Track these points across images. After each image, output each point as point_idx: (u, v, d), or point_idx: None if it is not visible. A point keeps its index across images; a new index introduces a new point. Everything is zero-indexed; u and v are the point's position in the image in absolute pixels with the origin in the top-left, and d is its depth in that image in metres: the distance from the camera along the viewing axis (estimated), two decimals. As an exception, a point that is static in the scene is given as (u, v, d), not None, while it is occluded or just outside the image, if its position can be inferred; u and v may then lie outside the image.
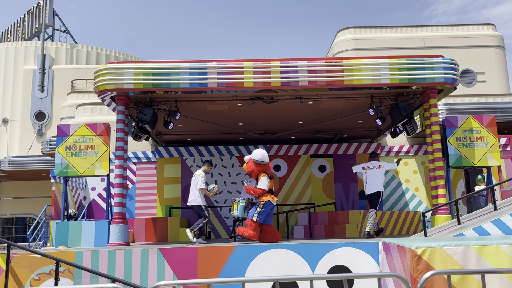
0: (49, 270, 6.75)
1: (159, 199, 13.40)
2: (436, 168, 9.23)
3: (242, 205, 8.70)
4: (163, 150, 13.60)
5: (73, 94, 20.50)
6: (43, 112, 21.80)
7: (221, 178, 13.53)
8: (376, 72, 8.79)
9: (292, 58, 9.00)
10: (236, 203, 8.78)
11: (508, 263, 5.09)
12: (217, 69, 8.75)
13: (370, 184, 9.39)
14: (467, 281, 4.96)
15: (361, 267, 6.97)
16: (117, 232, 8.70)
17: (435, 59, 8.96)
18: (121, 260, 7.02)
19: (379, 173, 9.41)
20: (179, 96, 9.41)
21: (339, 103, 10.11)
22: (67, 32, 26.48)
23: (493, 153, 9.64)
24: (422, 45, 17.67)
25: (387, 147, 13.89)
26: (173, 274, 6.97)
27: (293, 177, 13.60)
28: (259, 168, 8.44)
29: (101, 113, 15.53)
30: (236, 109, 10.39)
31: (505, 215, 6.88)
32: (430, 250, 5.15)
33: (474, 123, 9.75)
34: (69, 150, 9.45)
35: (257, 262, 7.02)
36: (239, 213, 8.68)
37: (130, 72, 8.72)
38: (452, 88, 9.29)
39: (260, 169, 8.44)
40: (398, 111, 9.38)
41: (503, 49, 18.21)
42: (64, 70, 22.47)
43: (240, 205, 8.71)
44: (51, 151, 15.49)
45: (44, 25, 24.43)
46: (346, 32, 18.14)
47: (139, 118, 9.20)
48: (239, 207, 8.69)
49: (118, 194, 8.97)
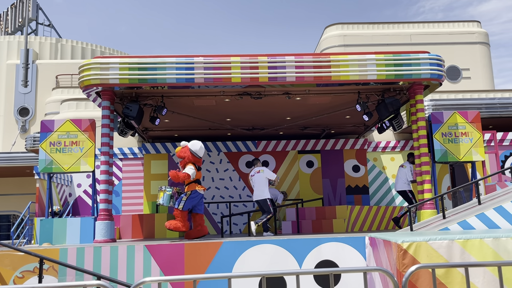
0: (33, 267, 6.65)
1: (145, 196, 13.30)
2: (422, 163, 9.31)
3: (168, 194, 8.44)
4: (149, 146, 13.49)
5: (58, 90, 20.19)
6: (27, 107, 21.45)
7: (208, 174, 13.48)
8: (363, 68, 8.81)
9: (280, 53, 8.97)
10: (162, 192, 8.48)
11: (491, 257, 5.15)
12: (204, 64, 8.69)
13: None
14: (452, 274, 5.01)
15: (348, 261, 7.01)
16: (103, 229, 8.61)
17: (421, 55, 9.02)
18: (107, 257, 6.95)
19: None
20: (166, 91, 9.32)
21: (327, 99, 10.13)
22: (51, 26, 26.07)
23: (477, 148, 9.75)
24: (408, 41, 17.79)
25: (374, 142, 13.97)
26: (160, 270, 6.93)
27: (281, 173, 13.61)
28: (191, 158, 8.50)
29: (86, 109, 15.34)
30: (223, 104, 10.34)
31: (489, 210, 6.97)
32: (416, 244, 5.20)
33: (459, 118, 9.85)
34: (54, 146, 9.31)
35: (244, 257, 7.01)
36: (165, 201, 8.41)
37: (115, 67, 8.60)
38: (438, 84, 9.37)
39: (192, 160, 8.51)
40: (385, 106, 9.43)
41: (488, 46, 18.43)
42: (48, 65, 22.12)
43: (166, 193, 8.43)
44: (35, 147, 15.25)
45: (27, 19, 24.01)
46: (333, 28, 18.17)
47: (125, 114, 9.09)
48: (165, 195, 8.42)
49: (104, 190, 8.86)
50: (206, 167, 13.50)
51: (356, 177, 13.59)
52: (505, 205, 6.95)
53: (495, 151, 12.16)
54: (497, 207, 6.95)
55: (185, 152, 8.54)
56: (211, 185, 13.42)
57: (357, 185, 13.57)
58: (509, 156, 12.91)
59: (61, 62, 22.42)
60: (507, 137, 12.85)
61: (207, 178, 13.42)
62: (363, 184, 13.63)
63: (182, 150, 8.60)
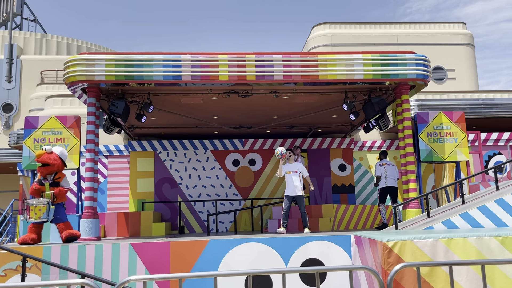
0: (16, 266, 6.55)
1: (131, 193, 13.19)
2: (407, 162, 9.40)
3: (52, 208, 7.47)
4: (135, 144, 13.38)
5: (43, 86, 19.90)
6: (11, 103, 21.10)
7: (195, 172, 13.42)
8: (350, 68, 8.86)
9: (268, 52, 8.97)
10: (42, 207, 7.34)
11: (475, 255, 5.22)
12: (191, 61, 8.64)
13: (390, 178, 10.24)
14: (436, 273, 5.07)
15: (333, 260, 7.04)
16: (87, 226, 8.51)
17: (408, 55, 9.10)
18: (91, 255, 6.87)
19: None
20: (152, 88, 9.25)
21: (314, 98, 10.16)
22: (36, 22, 25.66)
23: (462, 148, 9.89)
24: (395, 42, 17.93)
25: (360, 142, 14.06)
26: (145, 269, 6.88)
27: (267, 171, 13.62)
28: (60, 167, 7.68)
29: (71, 105, 15.14)
30: (210, 102, 10.30)
31: (472, 209, 7.07)
32: (401, 243, 5.24)
33: (444, 119, 9.97)
34: (38, 142, 9.17)
35: (230, 256, 7.00)
36: (50, 216, 7.46)
37: (101, 63, 8.51)
38: (424, 84, 9.46)
39: (62, 169, 7.72)
40: (371, 106, 9.49)
41: (473, 47, 18.68)
42: (33, 60, 21.77)
43: (51, 207, 7.44)
44: (19, 143, 15.02)
45: (12, 14, 23.60)
46: (321, 27, 18.23)
47: (111, 111, 9.00)
48: (50, 210, 7.43)
49: (88, 188, 8.76)
50: (192, 165, 13.44)
51: (342, 176, 13.67)
52: (488, 205, 7.05)
53: (479, 151, 12.34)
54: (481, 207, 7.05)
55: (56, 159, 7.57)
56: (197, 183, 13.36)
57: (343, 184, 13.65)
58: (492, 156, 13.12)
59: (46, 58, 22.08)
60: (491, 138, 13.06)
61: (193, 176, 13.36)
62: (349, 183, 13.71)
63: (49, 156, 7.52)
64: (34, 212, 7.31)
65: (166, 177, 13.34)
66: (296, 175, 8.97)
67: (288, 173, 9.03)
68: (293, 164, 9.12)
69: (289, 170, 9.04)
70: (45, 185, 7.55)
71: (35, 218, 7.32)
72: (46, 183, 7.57)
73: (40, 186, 7.53)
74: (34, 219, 7.32)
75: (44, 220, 7.40)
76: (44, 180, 7.59)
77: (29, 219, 7.33)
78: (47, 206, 7.38)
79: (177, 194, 13.26)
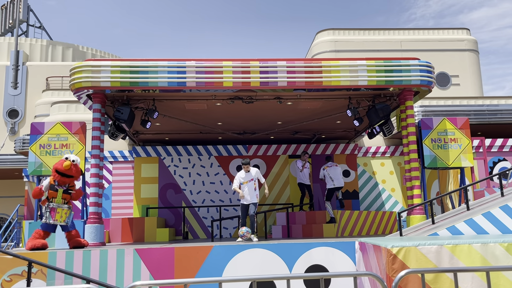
0: (21, 271, 6.58)
1: (136, 199, 13.23)
2: (411, 169, 9.39)
3: (72, 214, 7.82)
4: (140, 149, 13.44)
5: (48, 92, 20.03)
6: (16, 109, 21.24)
7: (199, 178, 13.45)
8: (354, 74, 8.88)
9: (272, 58, 9.02)
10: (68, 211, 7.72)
11: (480, 262, 5.21)
12: (196, 68, 8.69)
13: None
14: (441, 279, 5.06)
15: (338, 266, 7.03)
16: (92, 232, 8.55)
17: (412, 61, 9.12)
18: (96, 261, 6.90)
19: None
20: (157, 94, 9.31)
21: (318, 104, 10.18)
22: (42, 28, 25.87)
23: (466, 155, 9.86)
24: (399, 48, 17.95)
25: (364, 148, 14.06)
26: (150, 274, 6.89)
27: (271, 177, 13.63)
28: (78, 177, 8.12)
29: (77, 111, 15.24)
30: (215, 108, 10.34)
31: (477, 215, 7.05)
32: (405, 250, 5.24)
33: (449, 125, 9.96)
34: (43, 148, 9.23)
35: (234, 262, 7.00)
36: (70, 221, 7.79)
37: (107, 70, 8.58)
38: (428, 90, 9.47)
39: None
40: (375, 112, 9.50)
41: (477, 53, 18.67)
42: (38, 67, 21.94)
43: (72, 212, 7.80)
44: (24, 149, 15.12)
45: (18, 21, 23.81)
46: (325, 33, 18.29)
47: (116, 117, 9.06)
48: (71, 215, 7.77)
49: (93, 193, 8.81)
50: (196, 171, 13.47)
51: (347, 182, 13.65)
52: (493, 211, 7.03)
53: (483, 157, 12.30)
54: (486, 213, 7.03)
55: (79, 172, 7.95)
56: (201, 189, 13.39)
57: (347, 190, 13.63)
58: (497, 162, 13.08)
59: (51, 64, 22.24)
60: (496, 144, 13.02)
61: (197, 182, 13.39)
62: (353, 189, 13.69)
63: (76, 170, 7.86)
64: (60, 215, 7.67)
65: (170, 182, 13.38)
66: (252, 183, 9.11)
67: (244, 183, 9.09)
68: (248, 173, 9.17)
69: (245, 180, 9.12)
70: (58, 191, 7.71)
71: (60, 221, 7.64)
72: (60, 189, 7.74)
73: (53, 192, 7.70)
74: (59, 221, 7.64)
75: (65, 224, 7.70)
76: (58, 186, 7.75)
77: (54, 221, 7.59)
78: (69, 211, 7.71)
79: (181, 200, 13.28)
